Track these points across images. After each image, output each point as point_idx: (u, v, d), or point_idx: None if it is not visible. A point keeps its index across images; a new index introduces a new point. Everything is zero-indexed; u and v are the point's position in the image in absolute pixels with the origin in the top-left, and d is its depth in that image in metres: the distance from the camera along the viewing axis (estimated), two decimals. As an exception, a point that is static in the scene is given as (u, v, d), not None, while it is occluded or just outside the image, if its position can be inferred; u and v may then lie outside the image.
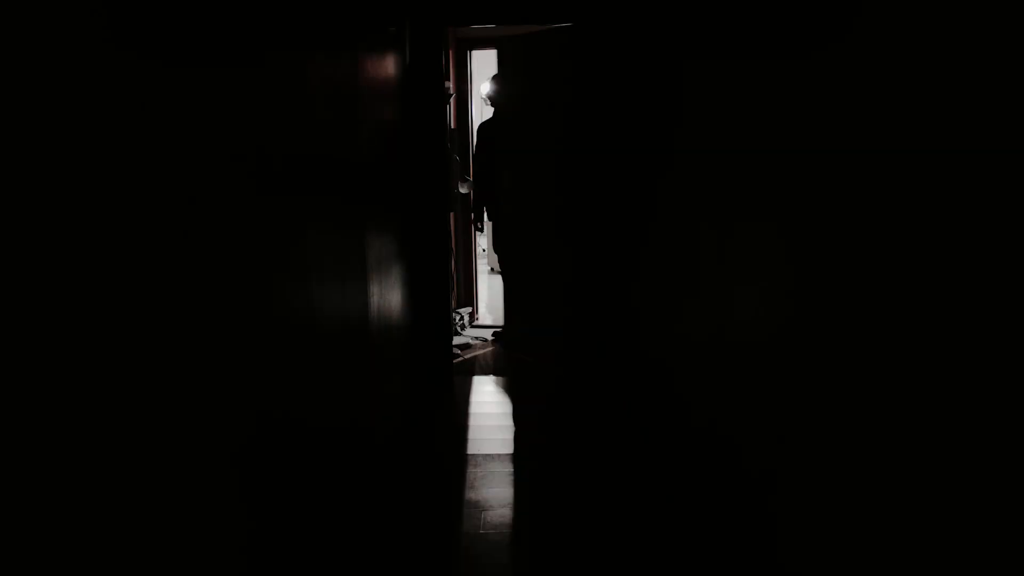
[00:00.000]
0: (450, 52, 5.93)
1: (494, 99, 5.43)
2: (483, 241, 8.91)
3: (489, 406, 4.26)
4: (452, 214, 5.47)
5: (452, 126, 5.74)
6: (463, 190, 5.98)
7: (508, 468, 3.39)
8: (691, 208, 2.82)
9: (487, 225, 7.44)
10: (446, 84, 5.20)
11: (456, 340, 5.57)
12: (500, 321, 6.05)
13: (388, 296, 3.42)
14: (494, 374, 4.87)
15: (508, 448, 3.62)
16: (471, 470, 3.38)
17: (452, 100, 5.89)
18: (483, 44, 6.53)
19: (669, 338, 3.21)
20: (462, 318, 6.18)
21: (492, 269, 8.41)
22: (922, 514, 1.27)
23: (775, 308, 1.95)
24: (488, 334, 5.82)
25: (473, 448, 3.63)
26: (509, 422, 3.96)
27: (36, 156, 0.71)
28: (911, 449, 1.30)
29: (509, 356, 5.24)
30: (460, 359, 5.18)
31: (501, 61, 5.49)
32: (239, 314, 1.27)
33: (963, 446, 1.15)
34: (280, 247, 1.75)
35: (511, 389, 4.52)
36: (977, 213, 1.11)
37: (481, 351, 5.43)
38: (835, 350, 1.58)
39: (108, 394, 0.82)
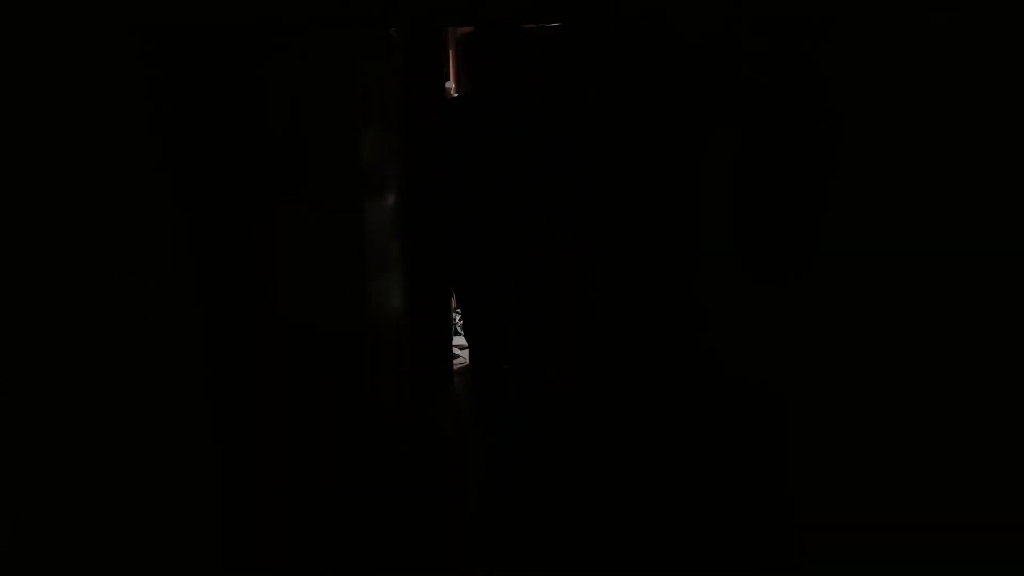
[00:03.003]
0: (450, 52, 5.93)
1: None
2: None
3: (489, 406, 4.25)
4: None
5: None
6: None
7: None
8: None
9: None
10: (448, 84, 5.20)
11: (456, 340, 5.57)
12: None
13: (388, 295, 3.42)
14: (494, 374, 4.86)
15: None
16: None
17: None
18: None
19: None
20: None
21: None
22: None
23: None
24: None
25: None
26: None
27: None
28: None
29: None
30: (460, 359, 5.18)
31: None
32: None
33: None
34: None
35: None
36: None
37: (481, 351, 5.42)
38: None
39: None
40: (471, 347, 3.19)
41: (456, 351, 5.27)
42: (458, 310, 6.23)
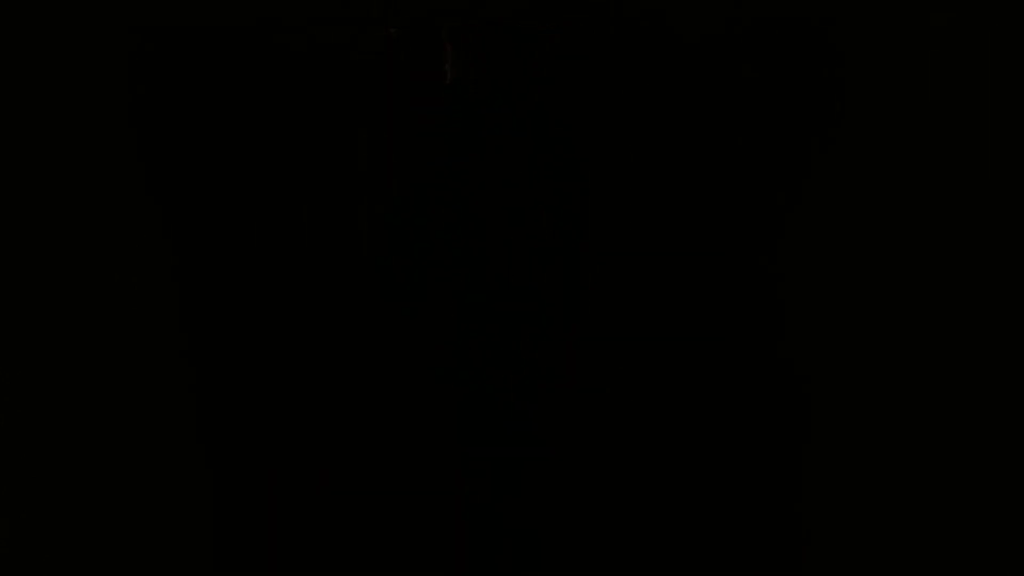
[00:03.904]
0: (450, 52, 5.92)
1: None
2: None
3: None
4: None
5: (453, 126, 5.72)
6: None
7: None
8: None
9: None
10: (447, 84, 5.19)
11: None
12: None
13: (386, 293, 3.42)
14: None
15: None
16: (471, 470, 3.37)
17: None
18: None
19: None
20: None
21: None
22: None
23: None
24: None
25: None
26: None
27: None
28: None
29: None
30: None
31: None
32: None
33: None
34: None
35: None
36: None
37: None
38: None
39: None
40: (470, 351, 3.10)
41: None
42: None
